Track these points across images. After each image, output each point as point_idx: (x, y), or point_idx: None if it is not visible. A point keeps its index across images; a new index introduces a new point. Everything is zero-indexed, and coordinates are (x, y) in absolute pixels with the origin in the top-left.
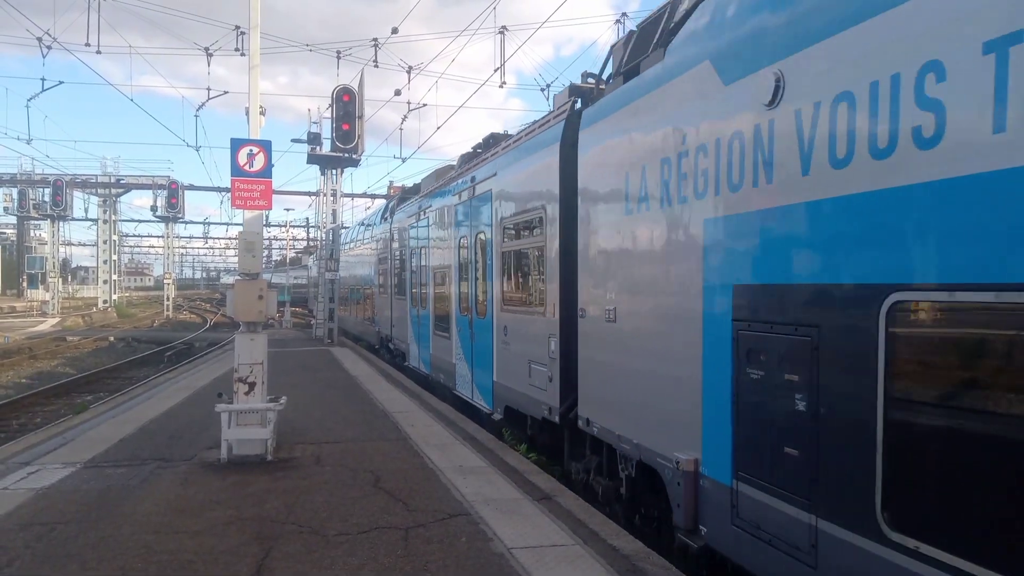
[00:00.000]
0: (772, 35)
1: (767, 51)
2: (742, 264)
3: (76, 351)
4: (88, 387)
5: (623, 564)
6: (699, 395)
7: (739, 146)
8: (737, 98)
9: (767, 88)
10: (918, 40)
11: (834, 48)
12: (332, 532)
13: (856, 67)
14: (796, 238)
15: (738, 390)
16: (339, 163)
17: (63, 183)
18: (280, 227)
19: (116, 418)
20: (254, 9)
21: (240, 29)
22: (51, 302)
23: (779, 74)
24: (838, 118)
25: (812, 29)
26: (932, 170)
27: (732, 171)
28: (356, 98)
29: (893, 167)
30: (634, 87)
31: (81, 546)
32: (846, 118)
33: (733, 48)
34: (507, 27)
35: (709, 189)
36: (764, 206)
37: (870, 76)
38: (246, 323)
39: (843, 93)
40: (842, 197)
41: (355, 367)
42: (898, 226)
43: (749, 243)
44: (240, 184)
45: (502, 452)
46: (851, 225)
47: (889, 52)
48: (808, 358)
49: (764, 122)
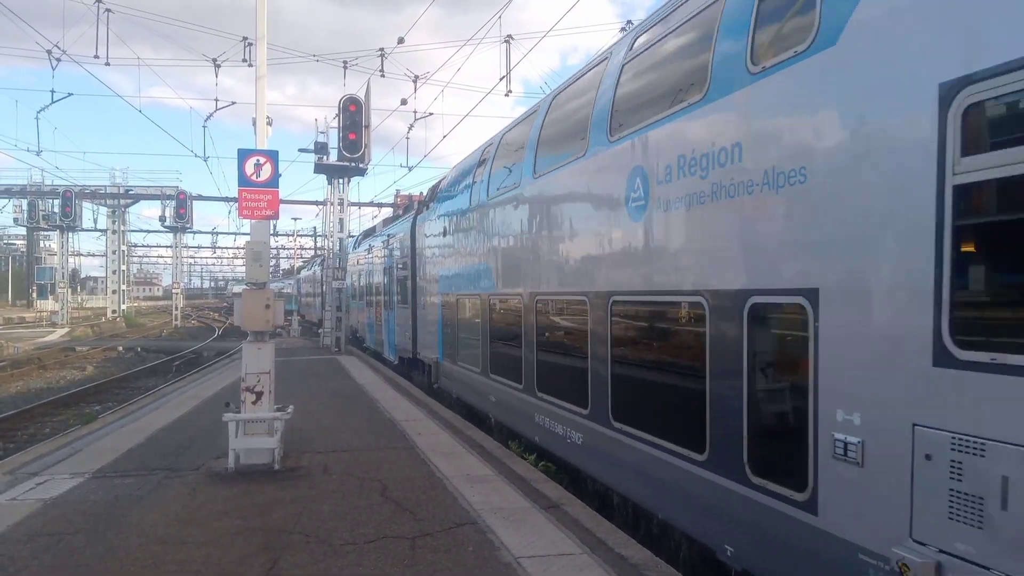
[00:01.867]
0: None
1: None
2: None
3: (85, 361)
4: (97, 397)
5: (631, 573)
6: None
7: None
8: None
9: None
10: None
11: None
12: (339, 542)
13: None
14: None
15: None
16: (346, 172)
17: (72, 194)
18: (288, 236)
19: (124, 428)
20: (260, 20)
21: (247, 40)
22: (60, 312)
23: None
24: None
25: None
26: None
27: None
28: (362, 108)
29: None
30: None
31: (88, 557)
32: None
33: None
34: (513, 36)
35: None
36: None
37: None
38: (253, 332)
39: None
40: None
41: (362, 375)
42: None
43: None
44: (247, 194)
45: (510, 461)
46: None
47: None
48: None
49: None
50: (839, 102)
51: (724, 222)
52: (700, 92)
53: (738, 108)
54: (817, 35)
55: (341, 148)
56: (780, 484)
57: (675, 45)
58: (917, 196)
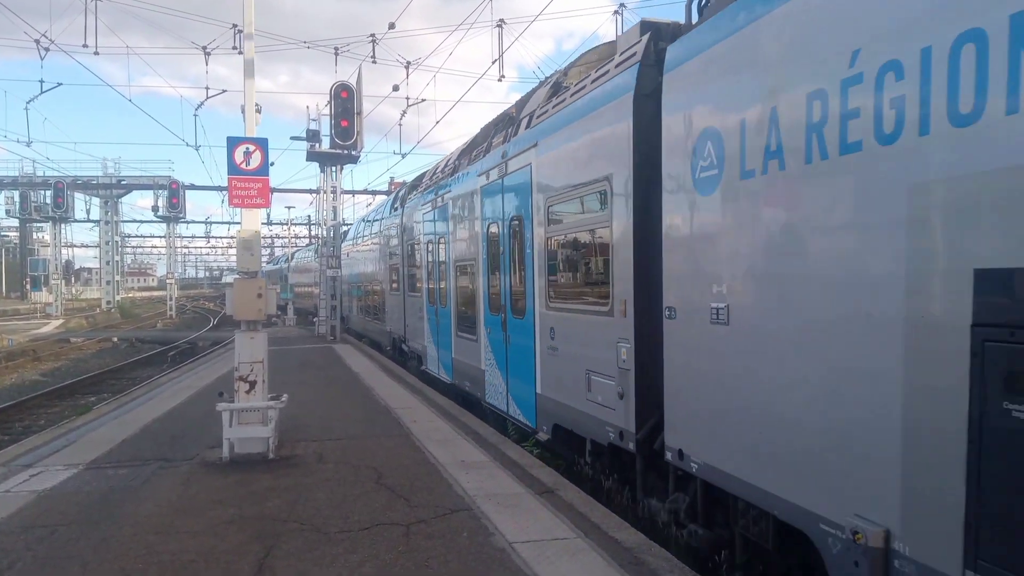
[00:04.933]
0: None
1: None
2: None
3: (80, 352)
4: (92, 388)
5: (625, 557)
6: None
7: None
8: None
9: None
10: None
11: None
12: (334, 529)
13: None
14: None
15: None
16: (338, 160)
17: (64, 185)
18: (282, 225)
19: (119, 419)
20: (248, 6)
21: (238, 28)
22: (54, 304)
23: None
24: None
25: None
26: None
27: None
28: (354, 94)
29: None
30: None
31: (82, 548)
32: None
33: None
34: (505, 20)
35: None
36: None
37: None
38: (246, 321)
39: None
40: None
41: (357, 363)
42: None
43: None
44: (237, 182)
45: (504, 446)
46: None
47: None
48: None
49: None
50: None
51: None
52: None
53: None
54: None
55: (333, 135)
56: None
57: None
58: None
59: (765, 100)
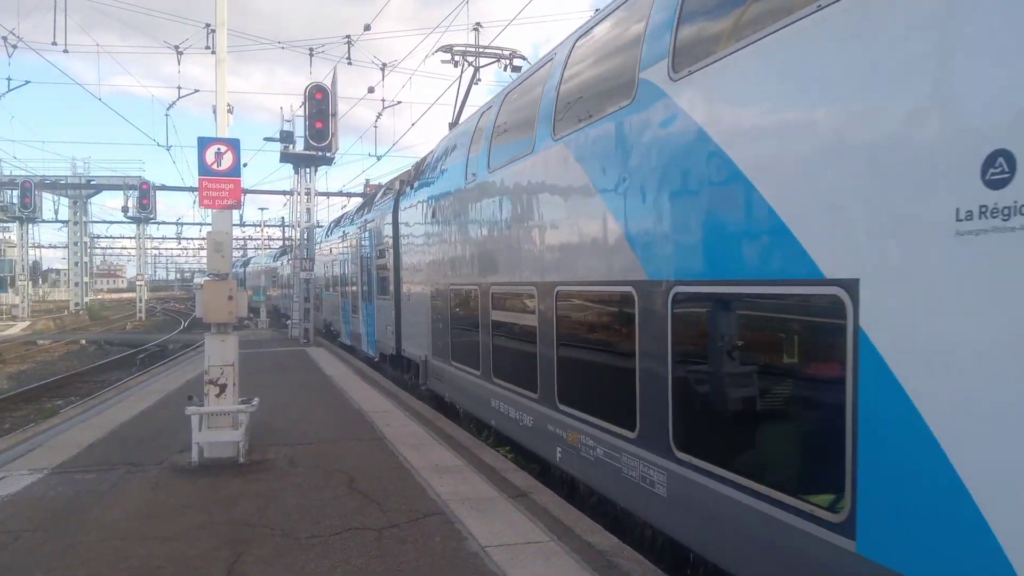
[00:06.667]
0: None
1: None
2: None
3: (47, 355)
4: (59, 391)
5: (598, 560)
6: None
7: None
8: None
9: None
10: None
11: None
12: (304, 535)
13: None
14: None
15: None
16: (313, 161)
17: (31, 185)
18: (255, 227)
19: (86, 423)
20: (220, 6)
21: (210, 26)
22: (21, 306)
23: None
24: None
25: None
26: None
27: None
28: (329, 96)
29: None
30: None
31: (48, 554)
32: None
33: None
34: (482, 24)
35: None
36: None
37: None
38: (216, 324)
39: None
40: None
41: (330, 367)
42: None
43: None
44: (208, 183)
45: (479, 450)
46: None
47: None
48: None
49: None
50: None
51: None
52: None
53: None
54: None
55: (307, 137)
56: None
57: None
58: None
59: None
